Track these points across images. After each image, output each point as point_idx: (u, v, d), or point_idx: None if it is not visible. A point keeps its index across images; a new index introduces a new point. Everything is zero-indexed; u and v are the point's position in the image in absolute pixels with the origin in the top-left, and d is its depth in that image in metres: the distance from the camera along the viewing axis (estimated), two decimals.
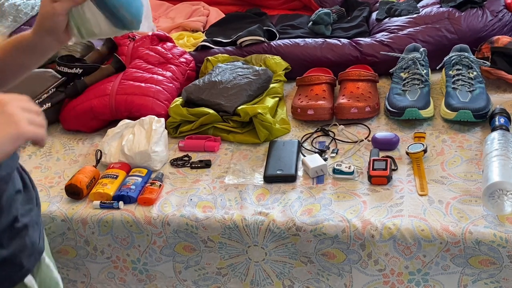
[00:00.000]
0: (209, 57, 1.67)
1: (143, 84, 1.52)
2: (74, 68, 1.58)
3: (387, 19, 1.79)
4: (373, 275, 1.12)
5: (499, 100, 1.42)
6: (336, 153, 1.32)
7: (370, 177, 1.20)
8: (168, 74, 1.59)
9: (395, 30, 1.69)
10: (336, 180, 1.23)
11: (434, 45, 1.61)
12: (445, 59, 1.49)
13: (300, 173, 1.27)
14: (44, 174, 1.37)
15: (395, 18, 1.77)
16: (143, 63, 1.61)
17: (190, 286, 1.25)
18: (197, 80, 1.53)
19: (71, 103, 1.54)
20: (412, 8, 1.80)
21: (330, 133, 1.40)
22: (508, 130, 1.25)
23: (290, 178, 1.24)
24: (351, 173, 1.23)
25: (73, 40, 0.92)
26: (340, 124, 1.42)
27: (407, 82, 1.45)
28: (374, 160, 1.23)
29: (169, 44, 1.71)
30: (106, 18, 0.89)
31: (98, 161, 1.37)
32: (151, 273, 1.26)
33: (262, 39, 1.72)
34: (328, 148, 1.35)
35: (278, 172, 1.25)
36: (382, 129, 1.39)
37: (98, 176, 1.31)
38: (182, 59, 1.66)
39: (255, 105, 1.42)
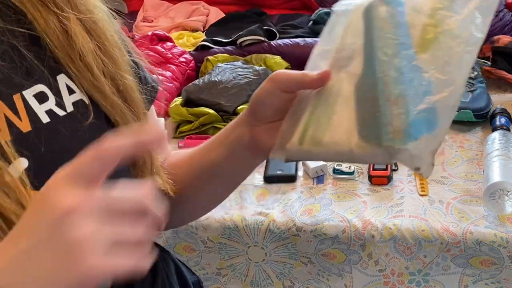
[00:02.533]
0: (209, 57, 1.67)
1: None
2: None
3: None
4: (374, 276, 1.12)
5: (499, 100, 1.42)
6: None
7: (370, 177, 1.20)
8: (168, 74, 1.59)
9: None
10: (336, 180, 1.23)
11: None
12: None
13: (300, 173, 1.27)
14: None
15: None
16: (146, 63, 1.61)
17: None
18: (197, 80, 1.53)
19: None
20: None
21: None
22: (509, 130, 1.24)
23: (290, 178, 1.24)
24: (352, 173, 1.22)
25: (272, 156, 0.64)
26: None
27: None
28: None
29: (168, 43, 1.71)
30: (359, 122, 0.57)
31: None
32: None
33: (262, 38, 1.72)
34: None
35: (278, 172, 1.25)
36: None
37: None
38: (181, 59, 1.66)
39: None
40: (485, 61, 1.45)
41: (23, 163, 0.51)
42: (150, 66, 0.69)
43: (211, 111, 1.41)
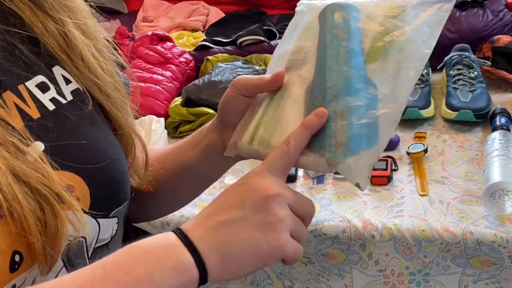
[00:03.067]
0: (209, 57, 1.67)
1: (142, 84, 1.51)
2: None
3: None
4: (374, 276, 1.12)
5: (500, 100, 1.42)
6: None
7: (370, 177, 1.20)
8: (168, 73, 1.59)
9: None
10: (336, 180, 1.23)
11: (434, 44, 1.60)
12: (445, 58, 1.48)
13: (300, 173, 1.27)
14: None
15: None
16: (142, 62, 1.61)
17: None
18: (197, 80, 1.53)
19: None
20: None
21: None
22: (509, 130, 1.24)
23: (290, 178, 1.24)
24: None
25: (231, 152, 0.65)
26: None
27: None
28: None
29: (168, 43, 1.71)
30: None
31: None
32: None
33: (262, 38, 1.72)
34: None
35: None
36: None
37: None
38: (181, 59, 1.66)
39: None
40: (485, 61, 1.45)
41: (40, 146, 0.54)
42: (123, 62, 0.71)
43: (211, 111, 1.41)
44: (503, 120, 1.27)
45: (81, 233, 0.55)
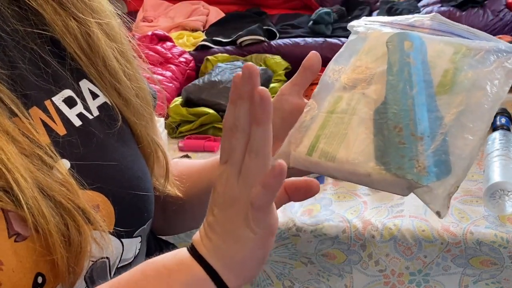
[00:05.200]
0: (209, 57, 1.67)
1: None
2: None
3: None
4: (374, 276, 1.12)
5: None
6: None
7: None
8: (168, 73, 1.59)
9: None
10: (336, 180, 1.23)
11: None
12: None
13: None
14: None
15: None
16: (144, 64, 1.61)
17: None
18: (197, 80, 1.53)
19: None
20: (412, 7, 1.80)
21: None
22: (509, 130, 1.24)
23: None
24: None
25: None
26: None
27: None
28: None
29: (168, 43, 1.71)
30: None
31: None
32: None
33: (262, 38, 1.72)
34: None
35: None
36: None
37: None
38: (181, 59, 1.66)
39: None
40: None
41: (66, 164, 0.53)
42: (148, 71, 0.70)
43: (211, 111, 1.41)
44: (503, 120, 1.27)
45: (105, 253, 0.54)
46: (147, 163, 0.64)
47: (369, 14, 1.91)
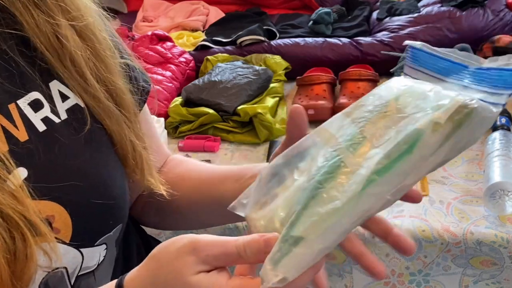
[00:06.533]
0: (209, 57, 1.66)
1: None
2: None
3: (387, 19, 1.79)
4: None
5: None
6: None
7: None
8: (168, 73, 1.59)
9: (396, 30, 1.68)
10: None
11: (435, 44, 1.55)
12: None
13: None
14: None
15: (395, 18, 1.76)
16: (142, 63, 1.61)
17: None
18: (197, 80, 1.53)
19: None
20: (412, 7, 1.80)
21: None
22: (509, 130, 1.24)
23: None
24: None
25: None
26: None
27: None
28: None
29: (168, 43, 1.71)
30: None
31: None
32: None
33: (262, 38, 1.72)
34: None
35: None
36: None
37: None
38: (181, 59, 1.66)
39: (255, 105, 1.42)
40: None
41: (22, 173, 0.51)
42: (141, 67, 0.68)
43: (211, 111, 1.41)
44: (503, 120, 1.27)
45: (56, 264, 0.53)
46: (125, 164, 0.63)
47: (369, 14, 1.91)
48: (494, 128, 1.26)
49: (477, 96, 0.49)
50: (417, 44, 0.60)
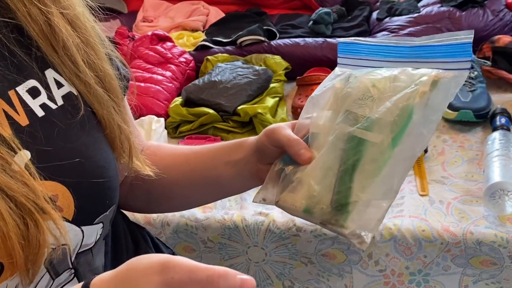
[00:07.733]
0: (209, 57, 1.66)
1: (142, 84, 1.51)
2: None
3: (387, 19, 1.79)
4: (374, 276, 1.12)
5: (500, 100, 1.42)
6: None
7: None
8: (168, 73, 1.59)
9: (396, 30, 1.68)
10: None
11: None
12: None
13: None
14: None
15: (395, 18, 1.77)
16: (142, 62, 1.61)
17: None
18: (197, 80, 1.53)
19: None
20: (412, 7, 1.80)
21: None
22: (509, 130, 1.24)
23: None
24: None
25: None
26: None
27: None
28: None
29: (168, 43, 1.71)
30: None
31: None
32: None
33: (262, 38, 1.72)
34: None
35: None
36: None
37: None
38: (181, 59, 1.66)
39: (255, 105, 1.42)
40: (485, 61, 1.45)
41: (27, 154, 0.54)
42: (119, 55, 0.71)
43: (211, 111, 1.41)
44: (503, 120, 1.27)
45: (62, 241, 0.55)
46: (113, 147, 0.66)
47: (369, 14, 1.91)
48: (494, 128, 1.26)
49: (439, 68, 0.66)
50: (349, 39, 0.77)
